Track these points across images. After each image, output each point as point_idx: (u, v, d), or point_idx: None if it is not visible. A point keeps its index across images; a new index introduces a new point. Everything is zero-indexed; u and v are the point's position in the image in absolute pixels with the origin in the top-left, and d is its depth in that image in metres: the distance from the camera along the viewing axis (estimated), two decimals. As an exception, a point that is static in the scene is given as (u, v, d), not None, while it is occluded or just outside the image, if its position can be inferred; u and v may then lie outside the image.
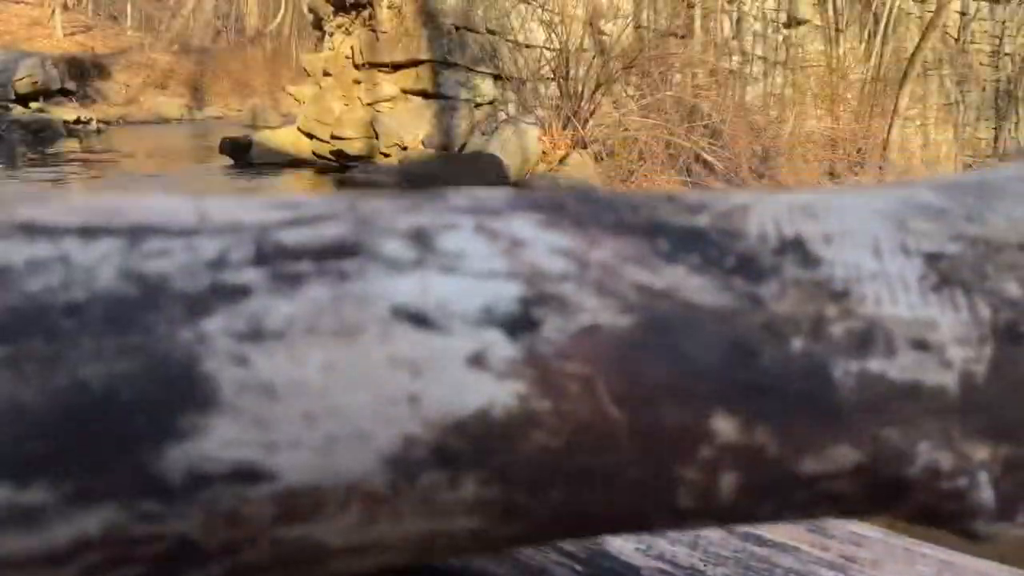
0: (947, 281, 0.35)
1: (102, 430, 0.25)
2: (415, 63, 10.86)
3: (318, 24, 12.39)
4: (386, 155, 10.64)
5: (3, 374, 0.25)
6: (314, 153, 11.39)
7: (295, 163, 11.31)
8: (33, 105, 18.21)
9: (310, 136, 11.44)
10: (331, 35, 11.93)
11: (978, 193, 0.40)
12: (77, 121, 17.75)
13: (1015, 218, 0.38)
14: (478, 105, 11.11)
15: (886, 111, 14.81)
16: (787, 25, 15.55)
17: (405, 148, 10.54)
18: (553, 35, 11.41)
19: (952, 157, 17.76)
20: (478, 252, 0.31)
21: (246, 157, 11.52)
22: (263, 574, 0.29)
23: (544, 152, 10.71)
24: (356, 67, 11.31)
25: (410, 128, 10.75)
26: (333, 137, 11.09)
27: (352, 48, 11.29)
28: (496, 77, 11.22)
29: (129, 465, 0.26)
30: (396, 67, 10.98)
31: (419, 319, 0.29)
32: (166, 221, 0.29)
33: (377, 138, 10.80)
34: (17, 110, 17.53)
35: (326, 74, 11.78)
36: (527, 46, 11.42)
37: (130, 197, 0.31)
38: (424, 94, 10.88)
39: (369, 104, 11.09)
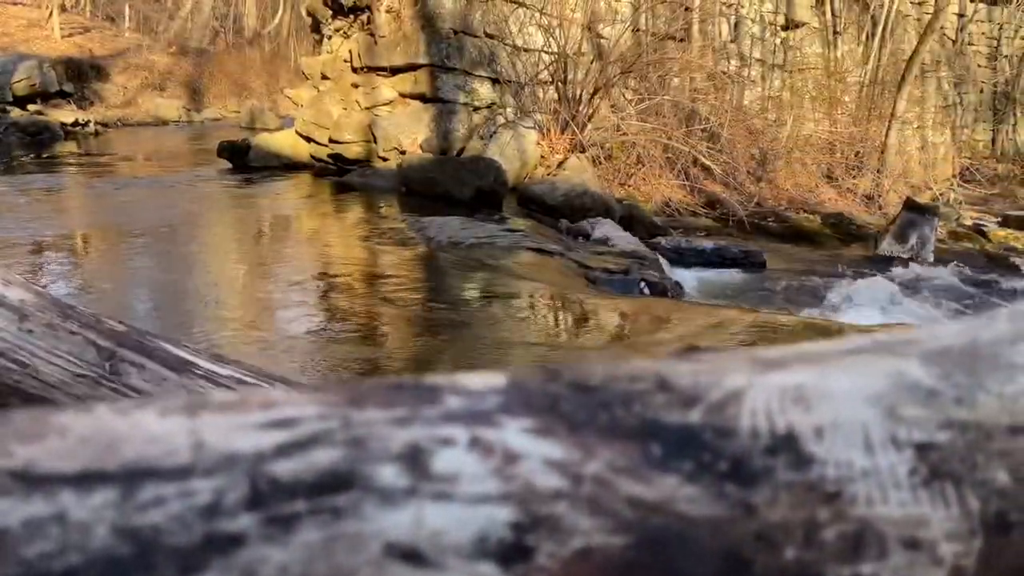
0: (937, 474, 0.36)
1: None
2: (413, 67, 10.84)
3: (316, 27, 12.38)
4: (384, 159, 10.63)
5: (-1, 652, 0.25)
6: (312, 156, 11.37)
7: (293, 166, 11.29)
8: (31, 107, 18.18)
9: (308, 139, 11.43)
10: (329, 38, 11.92)
11: (969, 365, 0.40)
12: (75, 123, 17.71)
13: (1006, 396, 0.39)
14: (476, 109, 11.10)
15: (884, 114, 14.80)
16: (785, 28, 15.55)
17: (403, 152, 10.52)
18: (551, 39, 11.41)
19: (950, 159, 17.77)
20: (472, 472, 0.31)
21: (244, 160, 11.50)
22: None
23: (542, 156, 10.70)
24: (354, 71, 11.29)
25: (408, 132, 10.74)
26: (331, 141, 11.07)
27: (350, 52, 11.27)
28: (494, 81, 11.21)
29: None
30: (394, 71, 10.96)
31: (412, 556, 0.29)
32: (160, 459, 0.29)
33: (375, 142, 10.79)
34: (15, 112, 17.49)
35: (324, 77, 11.77)
36: (525, 50, 11.41)
37: (125, 421, 0.31)
38: (422, 98, 10.87)
39: (367, 108, 11.08)
